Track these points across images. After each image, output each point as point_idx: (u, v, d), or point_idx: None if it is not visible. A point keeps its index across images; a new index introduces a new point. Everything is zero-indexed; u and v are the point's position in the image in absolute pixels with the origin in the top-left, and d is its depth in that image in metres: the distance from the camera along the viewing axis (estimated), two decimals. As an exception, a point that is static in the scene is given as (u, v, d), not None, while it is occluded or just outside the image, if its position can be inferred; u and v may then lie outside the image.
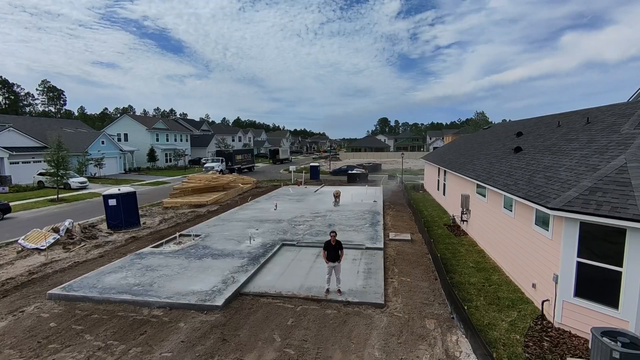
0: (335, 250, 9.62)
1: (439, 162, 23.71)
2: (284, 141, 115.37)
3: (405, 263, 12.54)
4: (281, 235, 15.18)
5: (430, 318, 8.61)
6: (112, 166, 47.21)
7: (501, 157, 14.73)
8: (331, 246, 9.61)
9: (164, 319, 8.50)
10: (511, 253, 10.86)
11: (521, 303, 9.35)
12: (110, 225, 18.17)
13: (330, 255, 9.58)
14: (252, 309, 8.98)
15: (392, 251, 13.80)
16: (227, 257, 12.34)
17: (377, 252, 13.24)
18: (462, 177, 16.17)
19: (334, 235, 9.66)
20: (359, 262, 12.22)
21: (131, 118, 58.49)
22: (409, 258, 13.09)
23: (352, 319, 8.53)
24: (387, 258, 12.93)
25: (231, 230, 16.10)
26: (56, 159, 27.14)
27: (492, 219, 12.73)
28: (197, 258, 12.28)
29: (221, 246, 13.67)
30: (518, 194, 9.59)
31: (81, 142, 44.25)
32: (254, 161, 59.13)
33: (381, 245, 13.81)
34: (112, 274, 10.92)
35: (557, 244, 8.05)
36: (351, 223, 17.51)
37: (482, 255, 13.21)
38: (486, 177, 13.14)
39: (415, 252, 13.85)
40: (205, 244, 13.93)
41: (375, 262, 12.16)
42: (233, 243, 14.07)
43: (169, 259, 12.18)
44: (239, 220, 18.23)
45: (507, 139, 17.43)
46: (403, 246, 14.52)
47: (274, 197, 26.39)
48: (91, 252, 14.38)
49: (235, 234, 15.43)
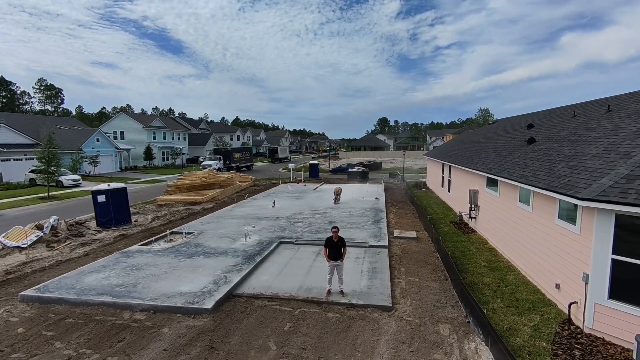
0: (338, 248, 8.74)
1: (444, 157, 22.83)
2: (283, 140, 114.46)
3: (412, 262, 11.66)
4: (279, 233, 14.29)
5: (444, 322, 7.72)
6: (107, 164, 46.27)
7: (513, 149, 13.85)
8: (333, 243, 8.73)
9: (146, 324, 7.60)
10: (528, 251, 9.98)
11: (543, 305, 8.47)
12: (99, 223, 17.25)
13: (332, 253, 8.70)
14: (245, 313, 8.08)
15: (398, 249, 12.92)
16: (220, 256, 11.44)
17: (381, 251, 12.36)
18: (471, 171, 15.30)
19: (335, 230, 8.78)
20: (363, 260, 11.33)
21: (127, 116, 57.54)
22: (416, 257, 12.21)
23: (356, 323, 7.64)
24: (393, 257, 12.05)
25: (226, 228, 15.20)
26: (46, 156, 26.21)
27: (506, 214, 11.84)
28: (188, 257, 11.38)
29: (214, 244, 12.77)
30: (539, 185, 8.71)
31: (76, 139, 43.30)
32: (252, 160, 58.22)
33: (386, 243, 12.93)
34: (94, 273, 10.02)
35: (586, 240, 7.17)
36: (353, 220, 16.62)
37: (494, 254, 12.33)
38: (498, 169, 12.26)
39: (422, 250, 12.97)
40: (197, 242, 13.03)
41: (380, 261, 11.27)
42: (227, 241, 13.18)
43: (157, 258, 11.28)
44: (235, 218, 17.33)
45: (516, 132, 16.56)
46: (409, 244, 13.64)
47: (272, 194, 25.49)
48: (76, 251, 13.47)
49: (230, 232, 14.54)
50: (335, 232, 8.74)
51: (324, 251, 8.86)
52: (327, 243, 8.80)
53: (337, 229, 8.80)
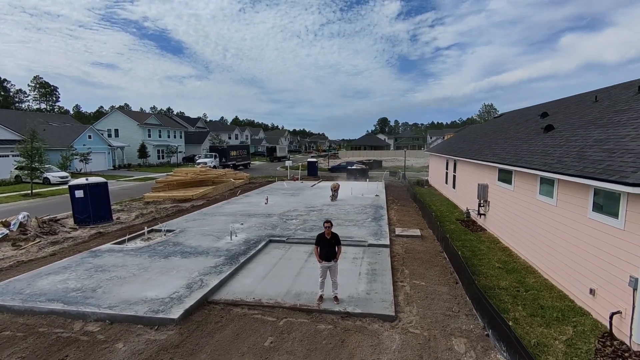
0: (331, 246, 7.43)
1: (448, 152, 21.51)
2: (282, 140, 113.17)
3: (417, 263, 10.34)
4: (269, 231, 12.96)
5: (459, 336, 6.40)
6: (99, 162, 44.97)
7: (527, 138, 12.53)
8: (325, 240, 7.41)
9: (99, 337, 6.28)
10: (552, 250, 8.66)
11: (574, 314, 7.15)
12: (77, 220, 15.93)
13: (325, 252, 7.38)
14: (219, 324, 6.75)
15: (400, 249, 11.60)
16: (200, 256, 10.12)
17: (382, 250, 11.04)
18: (480, 163, 13.98)
19: (328, 226, 7.46)
20: (361, 261, 10.01)
21: (122, 113, 56.26)
22: (421, 257, 10.89)
23: (352, 337, 6.32)
24: (395, 257, 10.73)
25: (212, 225, 13.87)
26: (29, 151, 24.90)
27: (522, 209, 10.53)
28: (163, 256, 10.05)
29: (195, 242, 11.45)
30: (568, 172, 7.39)
31: (67, 136, 42.01)
32: (249, 158, 56.92)
33: (387, 242, 11.61)
34: (52, 275, 8.69)
35: (634, 236, 5.86)
36: (351, 217, 15.30)
37: (509, 254, 11.01)
38: (514, 159, 10.94)
39: (427, 250, 11.65)
40: (177, 240, 11.72)
41: (380, 262, 9.95)
42: (211, 239, 11.86)
43: (128, 258, 9.96)
44: (223, 215, 16.01)
45: (528, 122, 15.24)
46: (412, 243, 12.32)
47: (266, 191, 24.17)
48: (44, 250, 12.15)
49: (215, 229, 13.21)
50: (328, 228, 7.43)
51: (315, 250, 7.55)
52: (319, 241, 7.49)
53: (330, 224, 7.48)
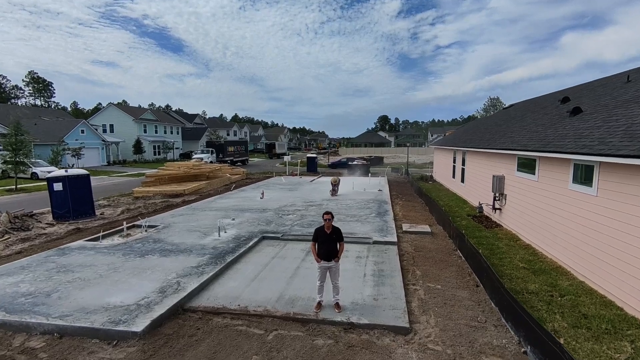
0: (332, 243, 6.16)
1: (456, 144, 20.22)
2: (281, 137, 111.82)
3: (429, 262, 9.07)
4: (263, 227, 11.69)
5: (491, 354, 5.13)
6: (93, 157, 43.65)
7: (550, 124, 11.25)
8: (325, 235, 6.14)
9: (40, 357, 5.02)
10: (590, 248, 7.39)
11: (627, 326, 5.88)
12: (55, 215, 14.66)
13: (324, 249, 6.11)
14: (194, 338, 5.49)
15: (409, 247, 10.33)
16: (182, 254, 8.85)
17: (389, 248, 9.77)
18: (495, 152, 12.71)
19: (329, 218, 6.19)
20: (366, 260, 8.75)
21: (117, 108, 54.91)
22: (433, 256, 9.62)
23: (359, 356, 5.06)
24: (404, 255, 9.47)
25: (200, 221, 12.60)
26: (13, 144, 23.61)
27: (549, 201, 9.26)
28: (139, 255, 8.78)
29: (179, 239, 10.18)
30: (620, 153, 6.11)
31: (58, 130, 40.69)
32: (248, 154, 55.63)
33: (394, 239, 10.34)
34: (4, 277, 7.42)
35: None
36: (353, 213, 14.03)
37: (532, 252, 9.75)
38: (539, 145, 9.66)
39: (439, 247, 10.39)
40: (158, 237, 10.45)
41: (388, 261, 8.69)
42: (196, 236, 10.59)
43: (99, 256, 8.69)
44: (214, 210, 14.74)
45: (547, 108, 13.95)
46: (422, 240, 11.06)
47: (263, 186, 22.88)
48: (12, 247, 10.87)
49: (203, 225, 11.94)
50: (328, 220, 6.15)
51: (313, 247, 6.27)
52: (317, 236, 6.21)
53: (330, 216, 6.20)
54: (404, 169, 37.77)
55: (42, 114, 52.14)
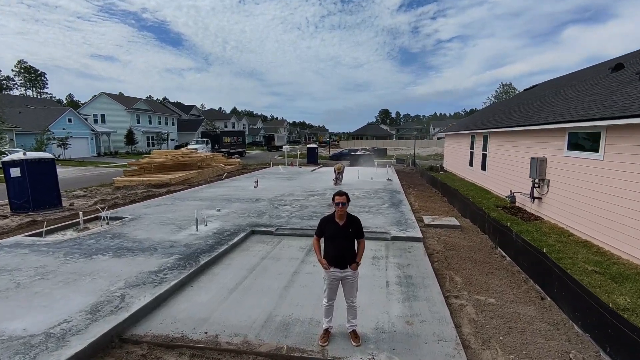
0: (346, 240, 3.99)
1: (476, 127, 17.99)
2: (281, 130, 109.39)
3: (468, 265, 6.94)
4: (253, 219, 9.54)
5: None
6: (81, 148, 41.43)
7: (611, 91, 9.03)
8: (336, 228, 3.97)
9: None
10: None
11: None
12: (13, 206, 12.48)
13: (335, 250, 3.94)
14: (122, 396, 3.35)
15: (437, 243, 8.19)
16: (143, 254, 6.70)
17: (413, 245, 7.63)
18: (536, 128, 10.51)
19: (342, 201, 3.97)
20: (386, 262, 6.61)
21: (108, 97, 52.49)
22: (470, 255, 7.49)
23: None
24: (433, 255, 7.33)
25: (178, 212, 10.45)
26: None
27: (625, 185, 7.10)
28: (86, 255, 6.63)
29: (145, 234, 8.03)
30: None
31: (44, 119, 38.43)
32: (245, 145, 53.40)
33: (418, 234, 8.20)
34: None
35: None
36: (362, 203, 11.88)
37: (597, 251, 7.59)
38: (612, 111, 7.46)
39: (474, 245, 8.25)
40: (120, 231, 8.30)
41: (415, 263, 6.55)
42: (169, 230, 8.44)
43: (32, 257, 6.54)
44: (198, 199, 12.58)
45: (595, 79, 11.70)
46: (450, 236, 8.91)
47: (259, 176, 20.71)
48: (-59, 245, 8.75)
49: (180, 217, 9.79)
50: (341, 205, 3.95)
51: (316, 244, 4.10)
52: (323, 229, 4.04)
53: (345, 198, 3.99)
54: (410, 160, 35.62)
55: (31, 103, 49.82)
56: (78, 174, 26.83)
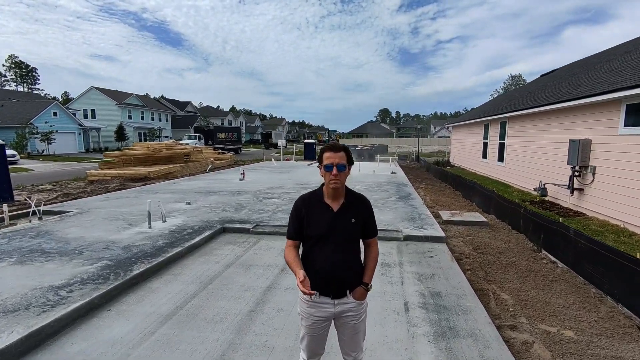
0: (345, 241, 2.03)
1: (490, 113, 16.08)
2: (279, 128, 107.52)
3: (512, 274, 5.03)
4: (229, 214, 7.60)
5: None
6: (68, 143, 39.44)
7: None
8: (327, 217, 2.02)
9: None
10: None
11: None
12: (-48, 200, 10.59)
13: (322, 260, 1.99)
14: None
15: (463, 245, 6.27)
16: (60, 259, 4.77)
17: (434, 248, 5.71)
18: (577, 104, 8.60)
19: (338, 161, 2.02)
20: (400, 271, 4.69)
21: (99, 91, 50.45)
22: (509, 261, 5.58)
23: None
24: (461, 261, 5.42)
25: (137, 206, 8.51)
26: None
27: None
28: (-23, 261, 4.70)
29: (81, 232, 6.09)
30: None
31: (26, 112, 36.46)
32: (241, 142, 51.51)
33: (438, 233, 6.28)
34: None
35: None
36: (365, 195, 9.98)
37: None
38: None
39: (510, 246, 6.35)
40: (50, 228, 6.37)
41: (442, 274, 4.63)
42: (115, 226, 6.51)
43: None
44: (170, 192, 10.65)
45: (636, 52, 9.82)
46: (477, 235, 7.00)
47: (249, 169, 18.78)
48: None
49: (137, 211, 7.86)
50: (336, 173, 2.02)
51: (291, 255, 2.06)
52: (301, 219, 2.07)
53: (342, 156, 2.05)
54: (413, 156, 33.80)
55: (17, 97, 47.85)
56: (57, 169, 24.92)
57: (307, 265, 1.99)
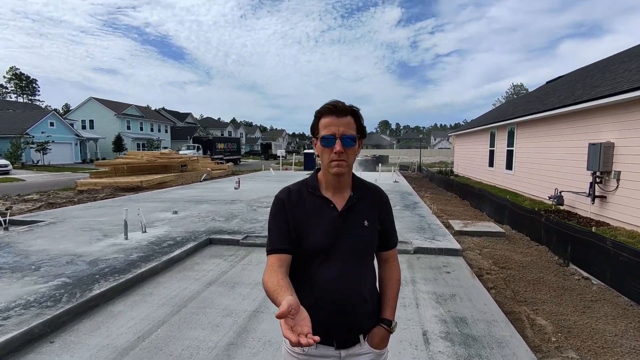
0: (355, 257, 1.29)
1: (497, 120, 15.47)
2: (280, 139, 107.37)
3: (544, 293, 4.28)
4: (218, 224, 6.87)
5: None
6: (64, 153, 38.86)
7: None
8: (326, 219, 1.30)
9: None
10: None
11: None
12: None
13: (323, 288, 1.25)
14: None
15: (481, 259, 5.53)
16: (12, 275, 4.03)
17: (450, 262, 4.98)
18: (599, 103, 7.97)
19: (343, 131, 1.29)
20: (413, 292, 3.94)
21: (97, 102, 50.20)
22: (537, 277, 4.85)
23: None
24: (483, 277, 4.67)
25: (117, 215, 7.78)
26: None
27: None
28: None
29: (47, 244, 5.37)
30: None
31: (23, 122, 36.00)
32: (240, 153, 50.94)
33: (454, 244, 5.55)
34: None
35: None
36: (366, 205, 9.27)
37: None
38: None
39: (533, 260, 5.61)
40: (14, 240, 5.64)
41: (464, 294, 3.88)
42: (88, 238, 5.78)
43: None
44: (158, 201, 9.93)
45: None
46: (495, 247, 6.26)
47: (246, 178, 18.10)
48: None
49: (117, 220, 7.13)
50: (341, 149, 1.28)
51: (272, 280, 1.12)
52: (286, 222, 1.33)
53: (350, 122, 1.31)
54: (415, 166, 33.19)
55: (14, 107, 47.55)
56: (49, 179, 24.26)
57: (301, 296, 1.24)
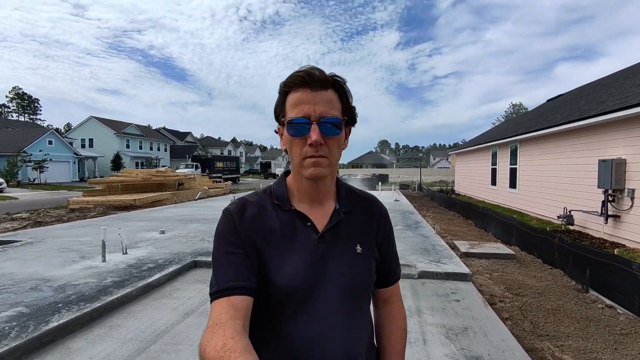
0: (349, 303, 0.85)
1: (499, 137, 15.19)
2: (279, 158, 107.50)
3: (567, 326, 3.77)
4: (207, 244, 6.39)
5: None
6: (62, 172, 38.55)
7: None
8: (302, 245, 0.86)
9: None
10: None
11: None
12: None
13: (298, 344, 0.80)
14: None
15: (492, 284, 5.03)
16: (-36, 305, 3.57)
17: (459, 288, 4.49)
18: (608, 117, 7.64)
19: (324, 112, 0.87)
20: (419, 324, 3.44)
21: (97, 121, 50.36)
22: (555, 306, 4.35)
23: None
24: (496, 306, 4.17)
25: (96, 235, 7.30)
26: None
27: None
28: None
29: (16, 267, 4.89)
30: None
31: (21, 140, 35.89)
32: (239, 171, 50.65)
33: (462, 268, 5.06)
34: None
35: None
36: (366, 225, 8.80)
37: None
38: None
39: (548, 285, 5.12)
40: (-20, 262, 5.16)
41: (478, 327, 3.38)
42: (63, 260, 5.31)
43: None
44: (148, 220, 9.47)
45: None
46: (506, 270, 5.77)
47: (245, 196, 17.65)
48: None
49: (98, 241, 6.64)
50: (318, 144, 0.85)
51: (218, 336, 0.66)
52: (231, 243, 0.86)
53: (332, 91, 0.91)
54: (415, 185, 32.80)
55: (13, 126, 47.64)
56: (43, 198, 23.81)
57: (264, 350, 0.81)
